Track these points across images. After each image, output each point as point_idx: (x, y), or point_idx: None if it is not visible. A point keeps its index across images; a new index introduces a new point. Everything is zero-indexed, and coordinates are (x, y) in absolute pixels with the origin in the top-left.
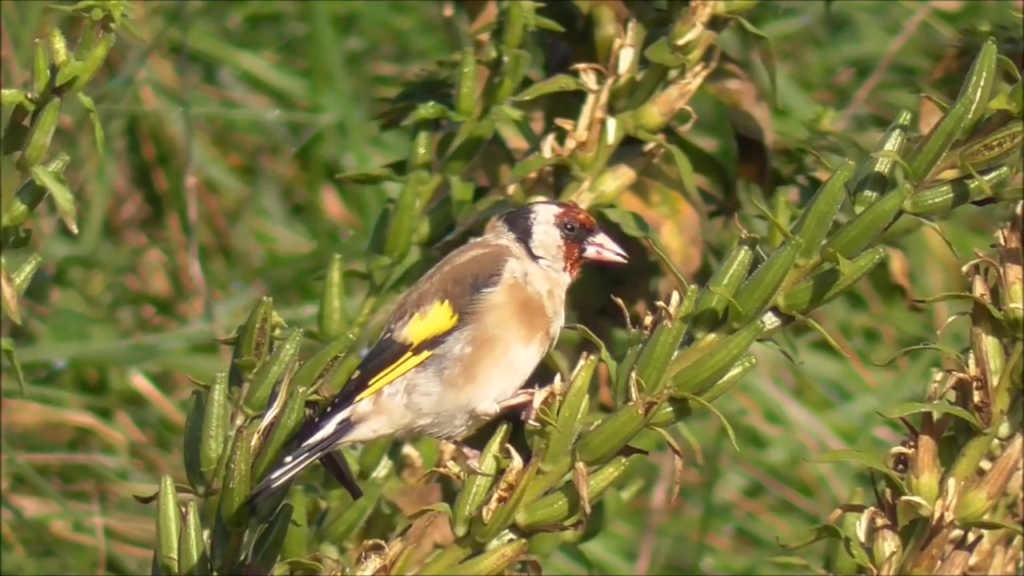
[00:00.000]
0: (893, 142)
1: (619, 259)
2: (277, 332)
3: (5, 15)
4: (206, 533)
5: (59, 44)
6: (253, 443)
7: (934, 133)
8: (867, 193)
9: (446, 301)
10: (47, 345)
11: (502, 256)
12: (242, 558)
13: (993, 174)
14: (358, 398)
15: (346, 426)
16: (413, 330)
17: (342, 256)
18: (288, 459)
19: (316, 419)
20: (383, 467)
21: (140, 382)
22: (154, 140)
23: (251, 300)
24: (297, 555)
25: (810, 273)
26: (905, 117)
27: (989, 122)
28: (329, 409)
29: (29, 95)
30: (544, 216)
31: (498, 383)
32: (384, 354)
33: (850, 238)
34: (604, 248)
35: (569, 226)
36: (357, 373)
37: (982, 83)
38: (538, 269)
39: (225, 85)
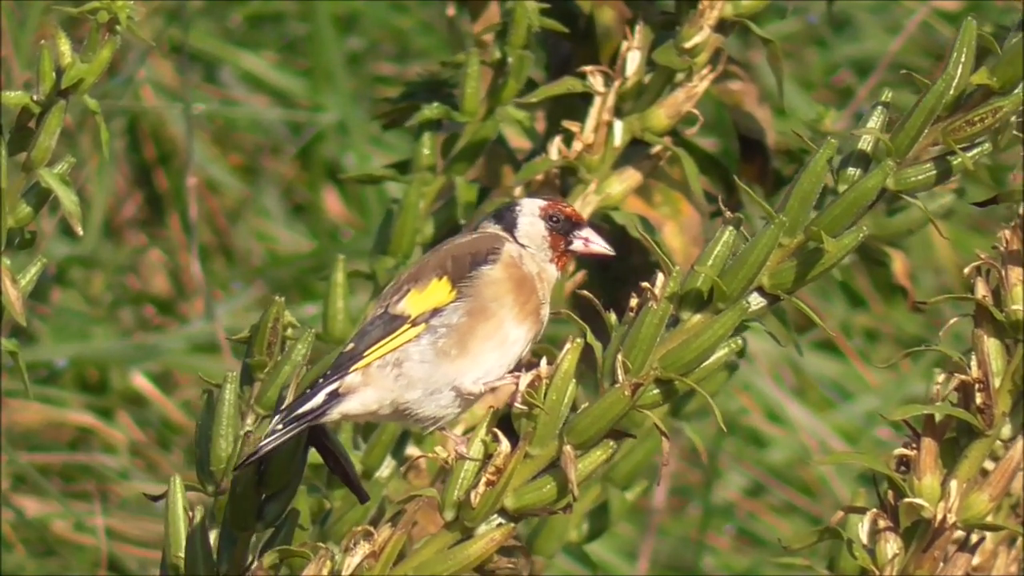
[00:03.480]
0: (875, 120)
1: (606, 251)
2: (288, 332)
3: (6, 15)
4: (213, 534)
5: (64, 46)
6: None
7: (916, 109)
8: (850, 171)
9: (444, 277)
10: (48, 345)
11: (500, 238)
12: (249, 561)
13: (976, 150)
14: (353, 368)
15: (335, 398)
16: (411, 303)
17: (345, 256)
18: (279, 427)
19: (308, 390)
20: (386, 467)
21: (141, 382)
22: (155, 140)
23: (252, 300)
24: None
25: (794, 253)
26: (887, 95)
27: (971, 98)
28: (322, 380)
29: (34, 97)
30: (529, 208)
31: (488, 359)
32: (381, 327)
33: (833, 216)
34: (590, 241)
35: (554, 218)
36: (351, 345)
37: (963, 59)
38: (528, 254)
39: (226, 85)
